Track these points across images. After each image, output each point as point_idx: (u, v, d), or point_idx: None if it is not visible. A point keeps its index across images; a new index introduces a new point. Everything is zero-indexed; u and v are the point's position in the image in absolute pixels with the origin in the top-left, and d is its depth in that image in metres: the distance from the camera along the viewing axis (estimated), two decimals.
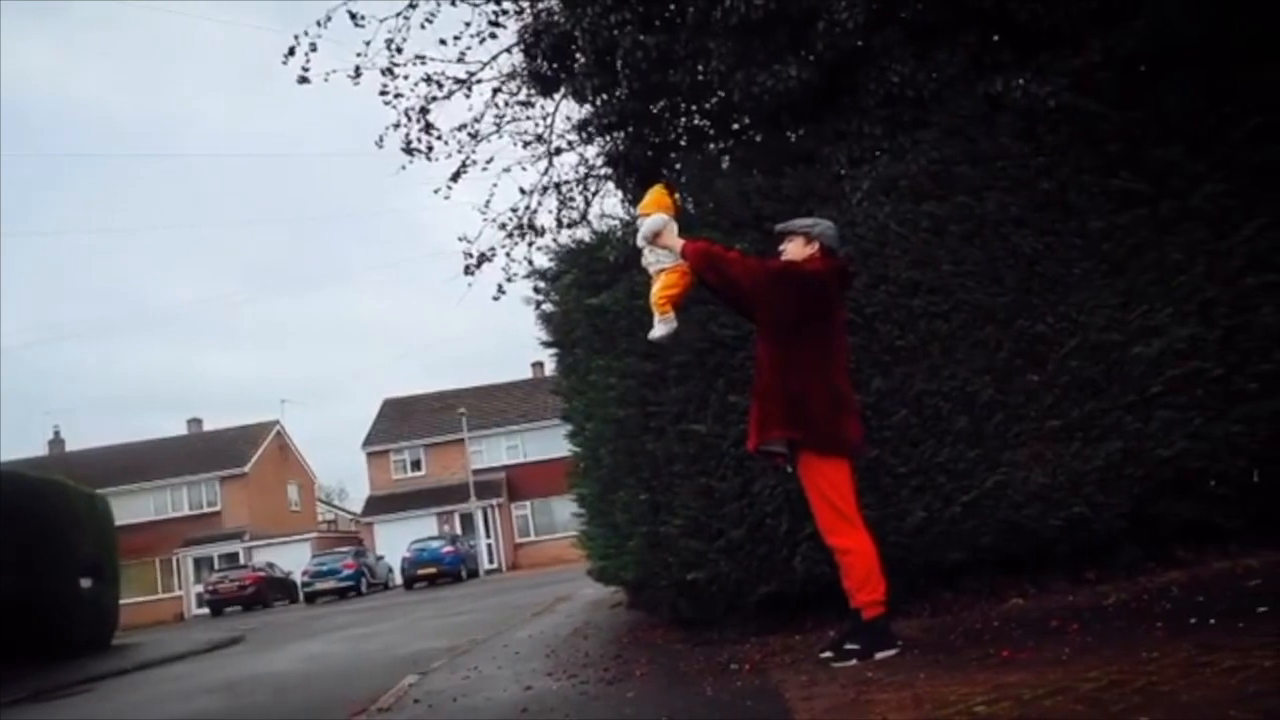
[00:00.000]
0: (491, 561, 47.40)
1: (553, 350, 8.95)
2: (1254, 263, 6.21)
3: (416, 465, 51.82)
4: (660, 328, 5.66)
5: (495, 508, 48.98)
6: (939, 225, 6.60)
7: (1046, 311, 6.41)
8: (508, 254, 10.38)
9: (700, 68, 7.03)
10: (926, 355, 6.54)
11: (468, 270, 10.18)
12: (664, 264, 5.64)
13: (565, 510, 8.16)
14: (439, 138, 9.75)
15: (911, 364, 6.56)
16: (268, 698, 9.09)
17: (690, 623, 7.40)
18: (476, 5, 9.20)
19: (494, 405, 52.23)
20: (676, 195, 6.20)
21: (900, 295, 6.61)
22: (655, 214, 5.66)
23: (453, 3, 9.25)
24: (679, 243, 5.53)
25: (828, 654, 5.50)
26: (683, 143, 7.89)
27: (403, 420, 53.10)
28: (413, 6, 8.95)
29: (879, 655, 5.21)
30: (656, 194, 5.82)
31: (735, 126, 7.57)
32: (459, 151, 9.87)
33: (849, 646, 5.32)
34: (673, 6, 7.14)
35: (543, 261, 8.70)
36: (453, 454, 50.18)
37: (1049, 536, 6.37)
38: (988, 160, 6.60)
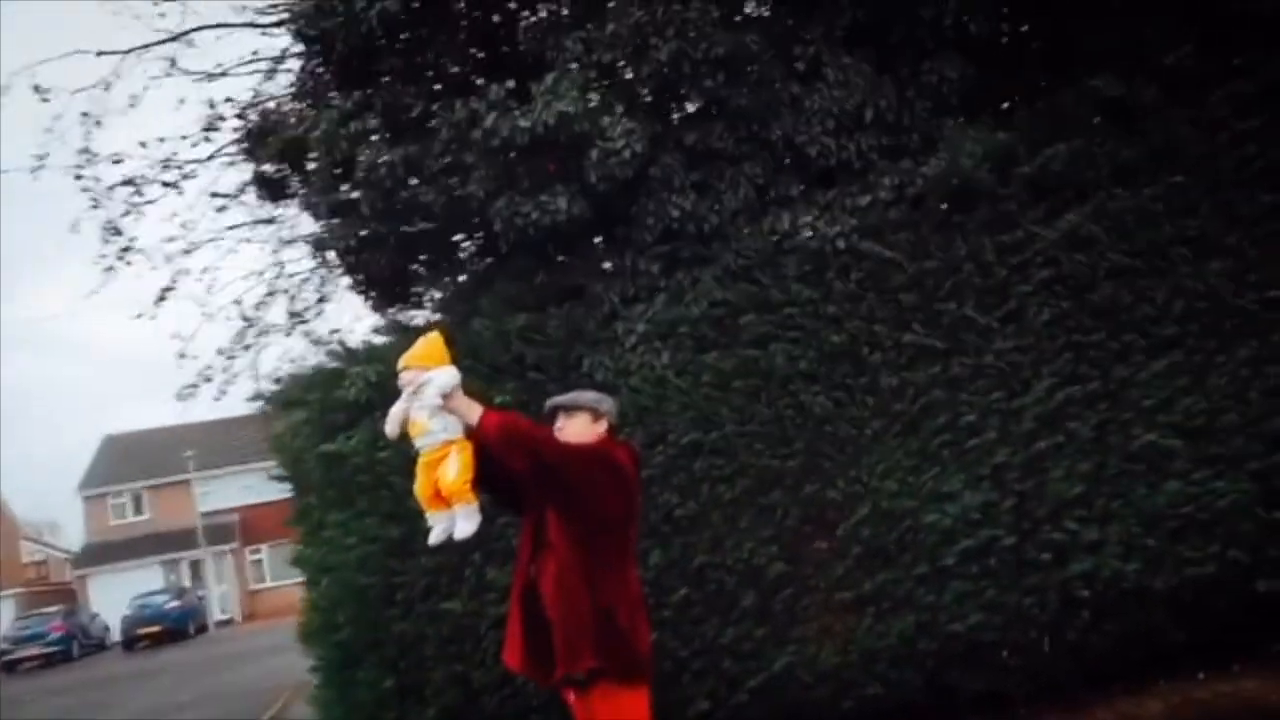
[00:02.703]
0: (224, 611, 44.15)
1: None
2: (1044, 424, 5.95)
3: (138, 508, 47.68)
4: (465, 522, 4.34)
5: (228, 553, 45.72)
6: (723, 379, 6.08)
7: (837, 475, 6.01)
8: (229, 357, 9.07)
9: (457, 186, 6.12)
10: (709, 524, 6.03)
11: (180, 397, 8.86)
12: (449, 435, 4.30)
13: None
14: (140, 251, 8.37)
15: (693, 534, 6.04)
16: None
17: None
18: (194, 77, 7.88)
19: (226, 441, 48.47)
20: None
21: (680, 458, 6.07)
22: (445, 369, 4.39)
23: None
24: (476, 410, 4.30)
25: None
26: (434, 268, 6.95)
27: (124, 459, 48.72)
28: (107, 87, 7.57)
29: None
30: (432, 345, 4.44)
31: (494, 256, 6.69)
32: (167, 262, 8.53)
33: None
34: (425, 119, 6.20)
35: (270, 382, 7.51)
36: (179, 495, 46.47)
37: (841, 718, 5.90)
38: (775, 307, 6.11)
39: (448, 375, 4.27)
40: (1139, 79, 6.22)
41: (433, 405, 4.23)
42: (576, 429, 4.59)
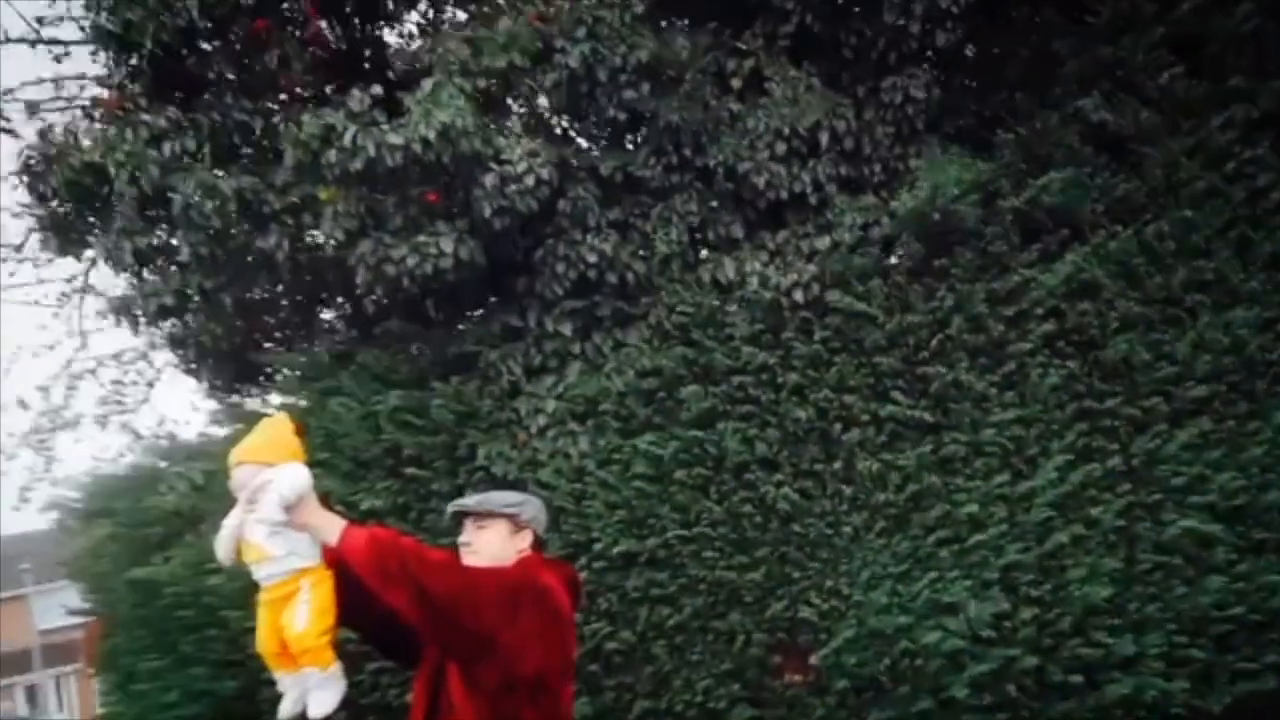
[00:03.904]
0: None
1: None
2: (1060, 512, 5.17)
3: None
4: (322, 694, 2.91)
5: (71, 675, 42.18)
6: (659, 469, 5.25)
7: (810, 587, 5.22)
8: (10, 457, 7.43)
9: (308, 226, 4.82)
10: (650, 659, 5.23)
11: None
12: (299, 562, 2.90)
13: None
14: None
15: (629, 673, 5.24)
16: None
17: None
18: None
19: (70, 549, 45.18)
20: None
21: (609, 573, 5.24)
22: (291, 466, 2.89)
23: None
24: (335, 525, 2.88)
25: None
26: (285, 337, 5.62)
27: None
28: None
29: None
30: (275, 433, 3.01)
31: (359, 319, 5.40)
32: None
33: None
34: (264, 141, 4.89)
35: (72, 486, 6.05)
36: (14, 613, 42.86)
37: None
38: (721, 376, 5.30)
39: (293, 477, 2.80)
40: (1129, 102, 5.57)
41: (273, 519, 2.78)
42: (490, 545, 3.13)
